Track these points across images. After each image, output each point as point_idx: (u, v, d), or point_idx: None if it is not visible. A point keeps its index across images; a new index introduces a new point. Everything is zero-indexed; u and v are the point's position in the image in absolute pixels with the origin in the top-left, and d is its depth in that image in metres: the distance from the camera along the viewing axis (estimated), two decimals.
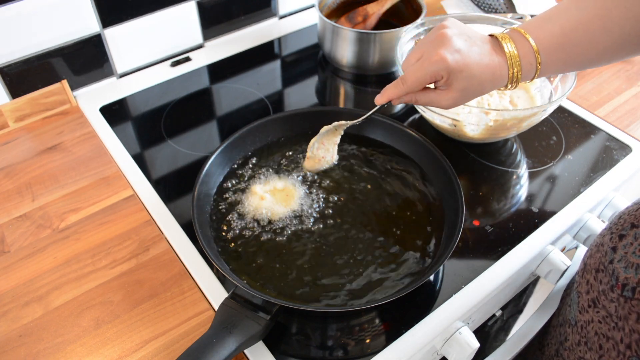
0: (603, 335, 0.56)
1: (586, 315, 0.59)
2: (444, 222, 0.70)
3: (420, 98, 0.63)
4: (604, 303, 0.55)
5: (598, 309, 0.56)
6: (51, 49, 0.86)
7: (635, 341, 0.51)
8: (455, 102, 0.61)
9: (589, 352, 0.59)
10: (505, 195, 0.78)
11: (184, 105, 0.93)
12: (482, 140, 0.82)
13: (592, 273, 0.58)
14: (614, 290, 0.53)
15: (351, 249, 0.67)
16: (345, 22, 1.02)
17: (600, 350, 0.57)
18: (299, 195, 0.73)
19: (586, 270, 0.60)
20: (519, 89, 0.86)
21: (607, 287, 0.55)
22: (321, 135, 0.73)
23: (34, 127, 0.88)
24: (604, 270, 0.55)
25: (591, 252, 0.60)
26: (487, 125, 0.76)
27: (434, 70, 0.58)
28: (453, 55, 0.57)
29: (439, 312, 0.63)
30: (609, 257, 0.55)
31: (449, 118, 0.77)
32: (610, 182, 0.80)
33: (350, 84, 1.00)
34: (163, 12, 0.95)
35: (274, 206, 0.71)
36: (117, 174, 0.80)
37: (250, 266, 0.65)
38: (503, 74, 0.59)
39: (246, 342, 0.55)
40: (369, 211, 0.72)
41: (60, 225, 0.73)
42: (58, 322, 0.62)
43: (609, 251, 0.55)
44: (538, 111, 0.73)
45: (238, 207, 0.71)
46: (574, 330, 0.63)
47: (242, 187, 0.73)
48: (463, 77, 0.58)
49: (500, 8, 1.09)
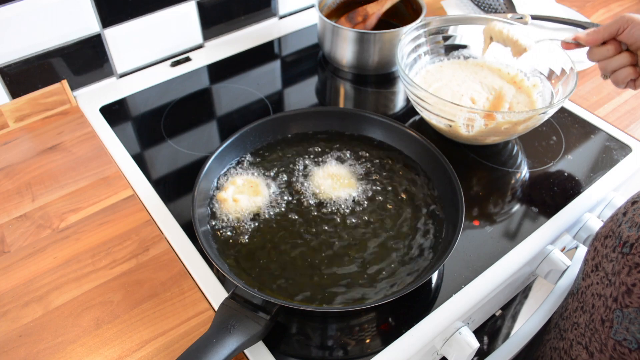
0: (597, 295, 0.57)
1: (587, 280, 0.60)
2: (444, 222, 0.70)
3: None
4: (604, 265, 0.56)
5: (598, 271, 0.57)
6: (51, 49, 0.86)
7: (622, 293, 0.52)
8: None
9: (583, 314, 0.60)
10: (505, 195, 0.78)
11: (184, 105, 0.93)
12: (478, 142, 0.82)
13: (601, 240, 0.59)
14: (615, 250, 0.54)
15: (351, 249, 0.67)
16: (345, 22, 1.02)
17: (592, 310, 0.57)
18: (300, 195, 0.73)
19: (596, 238, 0.61)
20: (520, 94, 0.85)
21: (610, 250, 0.56)
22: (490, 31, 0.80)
23: (34, 127, 0.88)
24: (612, 236, 0.56)
25: (605, 222, 0.61)
26: (481, 127, 0.76)
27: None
28: None
29: (439, 312, 0.63)
30: (619, 222, 0.56)
31: (444, 119, 0.77)
32: (610, 182, 0.80)
33: (350, 84, 1.00)
34: (163, 12, 0.95)
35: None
36: (117, 174, 0.80)
37: (250, 266, 0.65)
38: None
39: (246, 342, 0.55)
40: (368, 211, 0.72)
41: (60, 225, 0.73)
42: (58, 322, 0.62)
43: (620, 217, 0.57)
44: (534, 114, 0.73)
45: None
46: (574, 298, 0.64)
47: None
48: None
49: (500, 8, 1.09)
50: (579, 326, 0.61)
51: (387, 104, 0.96)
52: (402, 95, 0.97)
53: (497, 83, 0.87)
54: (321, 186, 0.74)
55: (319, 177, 0.75)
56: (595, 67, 1.01)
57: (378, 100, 0.96)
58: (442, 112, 0.76)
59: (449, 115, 0.76)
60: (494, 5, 1.10)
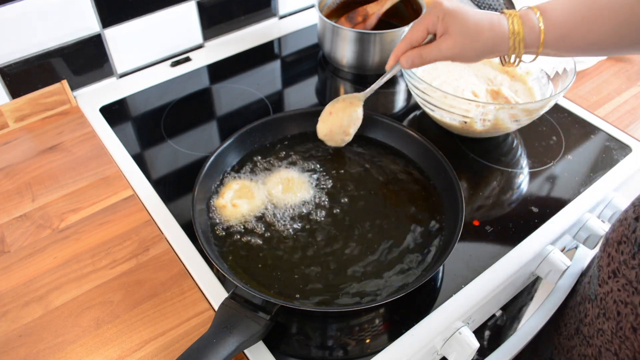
0: (622, 302, 0.56)
1: (606, 287, 0.59)
2: (444, 222, 0.70)
3: (424, 52, 0.64)
4: (624, 272, 0.56)
5: (618, 278, 0.57)
6: (51, 49, 0.86)
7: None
8: (455, 47, 0.62)
9: (607, 321, 0.59)
10: (505, 195, 0.78)
11: (184, 105, 0.93)
12: (488, 134, 0.83)
13: (614, 245, 0.59)
14: (635, 257, 0.54)
15: (351, 250, 0.67)
16: (345, 22, 1.02)
17: (618, 317, 0.57)
18: (299, 194, 0.73)
19: (608, 244, 0.60)
20: (516, 82, 0.86)
21: (628, 256, 0.55)
22: (333, 102, 0.75)
23: (34, 127, 0.88)
24: (626, 242, 0.56)
25: (614, 227, 0.61)
26: (496, 118, 0.76)
27: (430, 15, 0.61)
28: (449, 2, 0.60)
29: (439, 312, 0.63)
30: (632, 227, 0.56)
31: (459, 116, 0.77)
32: (610, 182, 0.80)
33: (350, 84, 1.00)
34: (163, 12, 0.95)
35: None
36: (117, 174, 0.80)
37: (250, 266, 0.65)
38: (502, 25, 0.60)
39: (246, 342, 0.55)
40: (367, 211, 0.72)
41: (60, 226, 0.73)
42: (58, 322, 0.62)
43: (632, 222, 0.56)
44: (550, 99, 0.74)
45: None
46: (593, 304, 0.63)
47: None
48: (459, 20, 0.60)
49: (500, 8, 1.09)
50: (604, 333, 0.60)
51: (387, 104, 0.96)
52: (402, 95, 0.97)
53: (491, 74, 0.88)
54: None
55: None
56: (595, 67, 1.02)
57: (378, 101, 0.96)
58: (458, 110, 0.77)
59: (463, 112, 0.76)
60: (493, 5, 1.10)
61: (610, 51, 0.63)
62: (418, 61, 0.65)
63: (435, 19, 0.61)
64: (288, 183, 0.74)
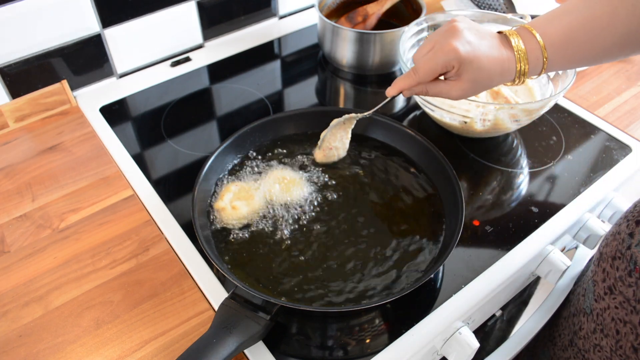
0: (620, 320, 0.56)
1: (602, 302, 0.59)
2: (444, 222, 0.70)
3: (431, 89, 0.64)
4: (621, 289, 0.55)
5: (615, 295, 0.57)
6: (51, 49, 0.86)
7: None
8: (465, 93, 0.62)
9: (605, 338, 0.59)
10: (505, 195, 0.78)
11: (184, 105, 0.93)
12: (489, 135, 0.83)
13: (609, 261, 0.58)
14: (631, 275, 0.54)
15: (351, 250, 0.67)
16: (345, 22, 1.02)
17: (617, 335, 0.57)
18: (300, 194, 0.73)
19: (602, 258, 0.60)
20: None
21: (624, 273, 0.55)
22: (331, 128, 0.74)
23: (34, 127, 0.88)
24: (621, 257, 0.56)
25: (607, 241, 0.61)
26: (496, 118, 0.76)
27: (446, 60, 0.59)
28: (464, 46, 0.58)
29: (439, 312, 0.63)
30: (627, 244, 0.55)
31: (460, 116, 0.77)
32: (610, 182, 0.80)
33: (350, 84, 1.00)
34: (163, 12, 0.95)
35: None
36: (117, 174, 0.80)
37: (250, 266, 0.65)
38: (511, 68, 0.61)
39: (246, 342, 0.55)
40: (367, 211, 0.72)
41: (60, 226, 0.73)
42: (58, 322, 0.62)
43: (626, 238, 0.56)
44: (549, 99, 0.74)
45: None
46: (589, 319, 0.63)
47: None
48: (473, 69, 0.59)
49: (500, 8, 1.09)
50: (602, 349, 0.60)
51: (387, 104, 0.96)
52: (401, 95, 0.97)
53: None
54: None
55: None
56: (595, 67, 1.02)
57: (378, 101, 0.95)
58: (458, 110, 0.77)
59: (463, 112, 0.76)
60: (493, 5, 1.10)
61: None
62: (422, 94, 0.66)
63: (450, 67, 0.60)
64: (287, 183, 0.74)
